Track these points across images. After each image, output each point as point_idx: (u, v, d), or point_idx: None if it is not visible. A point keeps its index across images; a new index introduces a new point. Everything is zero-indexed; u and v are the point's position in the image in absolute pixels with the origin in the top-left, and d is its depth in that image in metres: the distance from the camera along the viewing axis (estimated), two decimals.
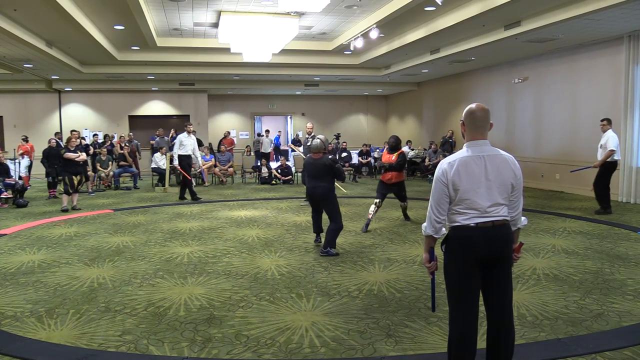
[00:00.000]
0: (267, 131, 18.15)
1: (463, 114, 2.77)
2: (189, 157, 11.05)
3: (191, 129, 11.20)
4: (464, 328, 2.69)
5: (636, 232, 7.14)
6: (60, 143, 12.31)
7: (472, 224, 2.66)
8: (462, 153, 2.73)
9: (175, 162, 10.90)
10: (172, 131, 16.36)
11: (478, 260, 2.66)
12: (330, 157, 6.37)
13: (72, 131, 10.86)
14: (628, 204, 9.65)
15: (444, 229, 2.79)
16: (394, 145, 7.88)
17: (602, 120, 8.63)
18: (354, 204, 10.19)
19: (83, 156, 10.24)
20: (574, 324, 3.87)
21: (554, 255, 5.95)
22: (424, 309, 4.22)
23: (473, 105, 2.76)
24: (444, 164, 2.73)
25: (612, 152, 8.27)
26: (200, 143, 16.08)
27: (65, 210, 9.63)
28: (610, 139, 8.33)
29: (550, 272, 5.24)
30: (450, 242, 2.74)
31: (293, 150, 15.60)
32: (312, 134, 10.33)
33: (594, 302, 4.34)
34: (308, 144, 9.80)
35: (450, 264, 2.74)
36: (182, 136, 11.04)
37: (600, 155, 8.47)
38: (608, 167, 8.43)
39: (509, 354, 2.75)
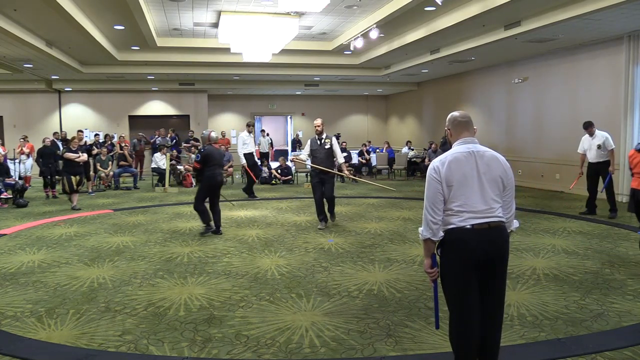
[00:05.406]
0: (263, 131, 18.17)
1: (447, 122, 2.91)
2: (252, 155, 11.25)
3: (252, 128, 11.60)
4: (466, 329, 2.69)
5: (636, 232, 7.13)
6: (57, 143, 12.29)
7: (467, 226, 2.64)
8: (451, 151, 2.79)
9: (243, 161, 10.99)
10: (170, 131, 16.40)
11: (475, 262, 2.65)
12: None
13: (78, 131, 10.93)
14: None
15: (441, 231, 2.74)
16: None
17: (587, 128, 8.33)
18: (354, 204, 10.19)
19: (84, 157, 10.26)
20: (574, 324, 3.87)
21: (554, 255, 5.95)
22: (424, 309, 4.21)
23: (455, 112, 2.90)
24: (435, 162, 2.77)
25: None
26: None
27: (77, 209, 9.72)
28: (608, 138, 8.17)
29: (550, 272, 5.24)
30: (446, 245, 2.72)
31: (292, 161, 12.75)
32: (324, 133, 7.85)
33: (594, 302, 4.34)
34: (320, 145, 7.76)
35: (447, 267, 2.73)
36: (244, 134, 11.24)
37: (599, 157, 8.23)
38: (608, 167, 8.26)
39: (495, 350, 2.76)
